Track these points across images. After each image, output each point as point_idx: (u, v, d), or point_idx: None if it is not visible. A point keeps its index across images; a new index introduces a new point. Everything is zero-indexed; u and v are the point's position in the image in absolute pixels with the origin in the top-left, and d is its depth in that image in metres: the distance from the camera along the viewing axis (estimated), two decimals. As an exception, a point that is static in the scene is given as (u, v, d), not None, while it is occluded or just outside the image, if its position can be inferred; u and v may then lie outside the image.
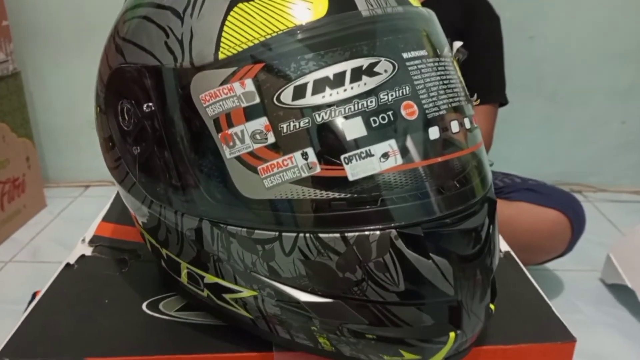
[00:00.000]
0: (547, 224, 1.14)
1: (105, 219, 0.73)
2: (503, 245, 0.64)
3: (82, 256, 0.63)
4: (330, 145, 0.37)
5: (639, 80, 1.72)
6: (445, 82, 0.41)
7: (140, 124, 0.43)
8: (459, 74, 0.45)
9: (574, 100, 1.74)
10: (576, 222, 1.13)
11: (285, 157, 0.37)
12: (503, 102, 1.28)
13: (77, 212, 1.62)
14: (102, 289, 0.57)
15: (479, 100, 0.44)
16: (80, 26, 1.63)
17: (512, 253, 0.62)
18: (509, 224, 1.13)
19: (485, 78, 1.26)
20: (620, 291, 1.24)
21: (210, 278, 0.45)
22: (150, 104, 0.41)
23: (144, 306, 0.53)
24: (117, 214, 0.74)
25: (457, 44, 0.46)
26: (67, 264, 0.61)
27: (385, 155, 0.37)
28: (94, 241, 0.66)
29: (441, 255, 0.39)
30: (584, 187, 1.78)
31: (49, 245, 1.43)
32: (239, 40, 0.38)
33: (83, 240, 0.67)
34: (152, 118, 0.42)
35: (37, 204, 1.61)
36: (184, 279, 0.49)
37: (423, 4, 1.14)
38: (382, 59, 0.38)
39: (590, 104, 1.74)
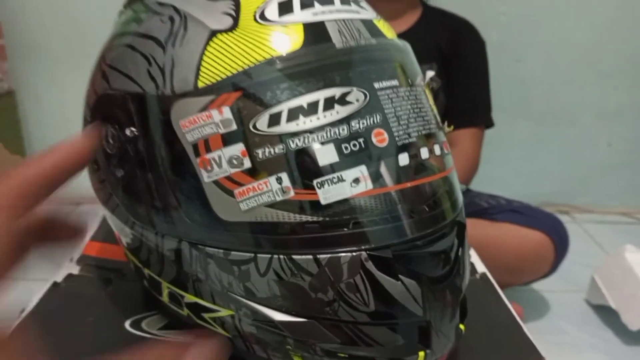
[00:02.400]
0: (531, 245, 1.16)
1: (93, 238, 0.74)
2: (480, 267, 0.65)
3: (69, 275, 0.64)
4: (303, 170, 0.39)
5: (626, 101, 1.75)
6: (416, 110, 0.43)
7: (124, 148, 0.44)
8: (431, 102, 0.46)
9: (561, 122, 1.77)
10: (559, 244, 1.15)
11: (261, 181, 0.39)
12: (489, 124, 1.31)
13: (68, 229, 1.62)
14: (87, 308, 0.58)
15: (452, 127, 0.46)
16: (74, 45, 1.65)
17: (489, 274, 0.63)
18: (493, 245, 1.15)
19: (471, 102, 1.29)
20: (605, 312, 1.25)
21: (189, 297, 0.46)
22: (133, 129, 0.43)
23: (127, 324, 0.54)
24: (105, 232, 0.75)
25: (430, 73, 0.48)
26: (55, 283, 0.62)
27: (356, 181, 0.39)
28: (82, 260, 0.68)
29: (410, 277, 0.40)
30: (571, 208, 1.81)
31: (38, 262, 1.43)
32: (218, 70, 0.40)
33: (71, 259, 0.68)
34: (134, 142, 0.43)
35: (28, 221, 1.61)
36: (165, 298, 0.50)
37: (411, 29, 1.18)
38: (354, 88, 0.40)
39: (578, 125, 1.78)
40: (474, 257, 0.68)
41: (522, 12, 1.67)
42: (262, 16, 0.41)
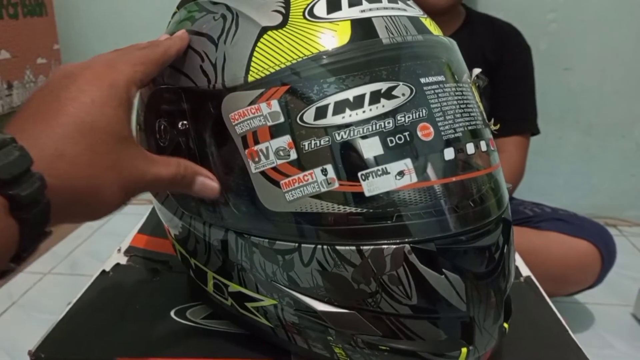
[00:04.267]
0: (577, 255, 1.13)
1: (141, 231, 0.77)
2: (524, 271, 0.64)
3: (117, 264, 0.66)
4: (348, 162, 0.39)
5: (678, 113, 1.69)
6: (462, 106, 0.43)
7: (175, 141, 0.46)
8: (478, 99, 0.46)
9: (611, 133, 1.73)
10: (606, 254, 1.12)
11: (306, 172, 0.40)
12: (534, 132, 1.29)
13: (115, 227, 1.68)
14: (134, 296, 0.60)
15: (498, 125, 0.45)
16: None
17: (533, 278, 0.62)
18: (538, 254, 1.12)
19: (517, 109, 1.27)
20: (653, 327, 1.21)
21: (234, 287, 0.48)
22: (185, 122, 0.44)
23: (172, 313, 0.56)
24: (151, 227, 0.78)
25: (476, 71, 0.48)
26: (103, 271, 0.64)
27: (401, 174, 0.39)
28: (129, 251, 0.70)
29: (454, 271, 0.40)
30: (619, 221, 1.75)
31: (86, 258, 1.48)
32: (267, 64, 0.41)
33: (119, 250, 0.70)
34: (186, 135, 0.45)
35: (77, 218, 1.67)
36: (210, 288, 0.51)
37: (453, 36, 1.18)
38: (401, 83, 0.40)
39: (628, 136, 1.72)
40: (518, 261, 0.67)
41: (572, 19, 1.64)
42: (311, 13, 0.42)
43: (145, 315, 0.56)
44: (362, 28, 0.42)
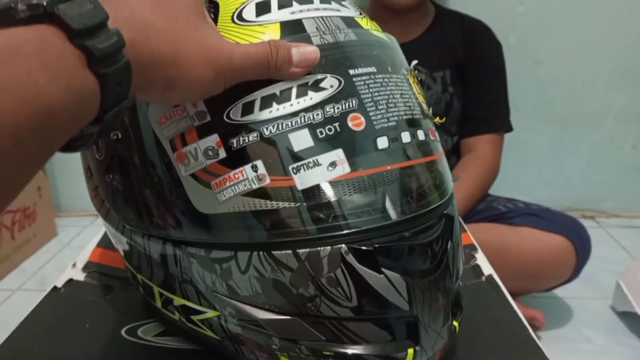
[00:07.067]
0: (552, 249, 1.12)
1: (99, 244, 0.75)
2: (486, 269, 0.63)
3: (70, 280, 0.64)
4: (278, 156, 0.38)
5: (651, 103, 1.70)
6: (396, 96, 0.42)
7: (110, 152, 0.44)
8: (416, 90, 0.45)
9: (584, 125, 1.73)
10: (581, 247, 1.11)
11: (236, 170, 0.38)
12: (507, 129, 1.28)
13: (87, 241, 1.64)
14: (84, 314, 0.57)
15: (444, 119, 0.44)
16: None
17: (495, 277, 0.61)
18: (512, 250, 1.12)
19: (489, 107, 1.27)
20: (632, 319, 1.20)
21: (178, 300, 0.46)
22: (117, 131, 0.43)
23: (123, 331, 0.54)
24: (109, 239, 0.75)
25: (413, 62, 0.47)
26: (54, 287, 0.62)
27: (333, 164, 0.38)
28: (88, 267, 0.67)
29: (394, 270, 0.38)
30: (596, 212, 1.75)
31: (56, 274, 1.44)
32: None
33: (74, 265, 0.68)
34: (118, 145, 0.43)
35: (47, 233, 1.64)
36: (158, 303, 0.49)
37: (422, 37, 1.17)
38: (328, 75, 0.39)
39: (601, 128, 1.72)
40: (481, 260, 0.66)
41: (541, 12, 1.64)
42: (240, 17, 0.41)
43: (94, 334, 0.54)
44: (292, 29, 0.40)
